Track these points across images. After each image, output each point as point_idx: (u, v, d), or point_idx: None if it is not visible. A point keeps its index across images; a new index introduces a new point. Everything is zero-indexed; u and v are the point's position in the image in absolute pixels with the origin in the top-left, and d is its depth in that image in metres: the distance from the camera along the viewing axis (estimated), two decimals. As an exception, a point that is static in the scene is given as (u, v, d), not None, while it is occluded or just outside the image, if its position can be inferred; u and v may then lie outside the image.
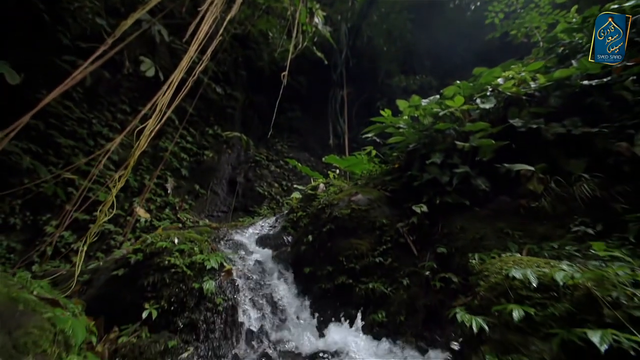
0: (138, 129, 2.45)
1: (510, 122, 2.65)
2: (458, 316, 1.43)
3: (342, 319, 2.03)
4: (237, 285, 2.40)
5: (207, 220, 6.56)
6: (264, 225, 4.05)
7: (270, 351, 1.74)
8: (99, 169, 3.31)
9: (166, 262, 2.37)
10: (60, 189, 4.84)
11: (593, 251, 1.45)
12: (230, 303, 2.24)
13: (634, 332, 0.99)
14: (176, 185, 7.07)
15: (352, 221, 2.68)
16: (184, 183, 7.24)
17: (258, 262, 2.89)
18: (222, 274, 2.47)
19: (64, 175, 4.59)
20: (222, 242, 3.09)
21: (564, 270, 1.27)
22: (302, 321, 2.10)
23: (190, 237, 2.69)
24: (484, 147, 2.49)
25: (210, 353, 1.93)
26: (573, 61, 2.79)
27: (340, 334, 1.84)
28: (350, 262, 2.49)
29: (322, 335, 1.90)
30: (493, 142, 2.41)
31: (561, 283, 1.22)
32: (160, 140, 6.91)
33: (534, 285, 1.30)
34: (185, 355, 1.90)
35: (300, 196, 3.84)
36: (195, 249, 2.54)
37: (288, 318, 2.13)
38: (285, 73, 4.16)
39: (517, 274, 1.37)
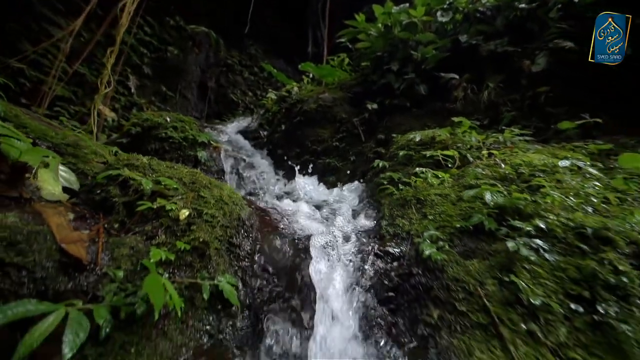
0: (121, 4, 2.75)
1: (459, 37, 3.34)
2: (374, 163, 2.47)
3: (305, 178, 3.08)
4: (224, 156, 3.28)
5: (180, 123, 7.02)
6: (242, 124, 4.78)
7: (254, 191, 2.76)
8: (61, 60, 3.55)
9: (163, 134, 3.11)
10: (10, 79, 4.86)
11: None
12: (221, 167, 3.15)
13: (448, 154, 2.03)
14: (139, 84, 7.12)
15: (318, 114, 3.51)
16: (148, 82, 7.28)
17: (239, 146, 3.74)
18: (211, 148, 3.30)
19: (13, 64, 4.61)
20: (206, 129, 3.83)
21: (433, 131, 2.26)
22: (275, 179, 3.13)
23: (179, 117, 3.38)
24: (429, 56, 3.22)
25: (208, 195, 2.93)
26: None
27: (303, 185, 2.89)
28: (314, 145, 3.43)
29: (290, 185, 2.95)
30: (434, 52, 3.14)
31: (433, 135, 2.22)
32: (114, 29, 6.55)
33: (417, 140, 2.30)
34: (190, 194, 2.88)
35: (275, 97, 4.48)
36: (186, 127, 3.27)
37: (265, 176, 3.14)
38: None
39: (411, 136, 2.35)
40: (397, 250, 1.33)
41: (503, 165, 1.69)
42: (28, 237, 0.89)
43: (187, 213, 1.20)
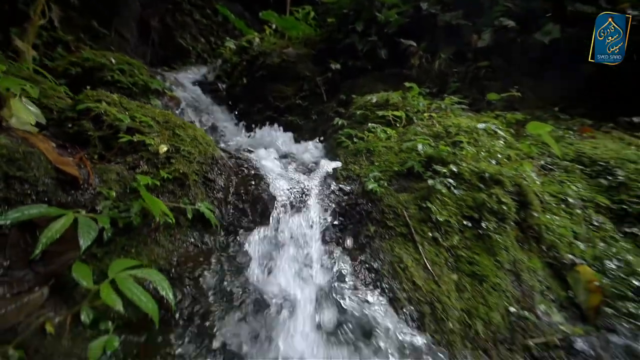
0: None
1: (420, 3, 3.63)
2: (334, 121, 2.79)
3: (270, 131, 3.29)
4: (182, 107, 3.29)
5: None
6: (196, 74, 4.63)
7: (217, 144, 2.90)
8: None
9: (109, 77, 2.98)
10: None
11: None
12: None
13: (397, 115, 2.43)
14: (64, 16, 6.18)
15: (281, 70, 3.64)
16: (75, 15, 6.33)
17: (197, 99, 3.72)
18: (166, 97, 3.27)
19: None
20: (157, 77, 3.70)
21: (387, 94, 2.64)
22: (238, 132, 3.29)
23: (126, 60, 3.22)
24: (392, 20, 3.50)
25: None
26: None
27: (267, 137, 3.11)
28: (276, 101, 3.60)
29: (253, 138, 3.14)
30: (397, 16, 3.42)
31: (387, 98, 2.60)
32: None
33: (373, 101, 2.66)
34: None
35: (234, 47, 4.40)
36: (135, 71, 3.16)
37: (227, 130, 3.27)
38: None
39: (368, 97, 2.70)
40: (347, 187, 1.72)
41: (437, 125, 2.15)
42: (25, 156, 1.04)
43: (165, 148, 1.40)
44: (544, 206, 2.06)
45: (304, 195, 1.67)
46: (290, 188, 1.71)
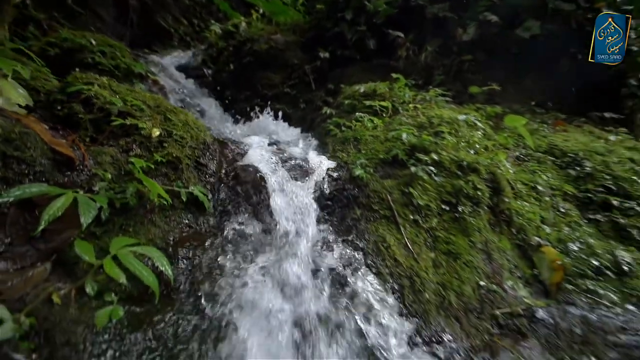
0: None
1: (408, -6, 3.72)
2: (323, 110, 2.87)
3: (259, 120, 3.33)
4: (167, 93, 3.26)
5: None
6: (180, 58, 4.56)
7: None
8: None
9: (90, 59, 2.91)
10: None
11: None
12: (163, 103, 3.17)
13: (384, 105, 2.55)
14: (33, -9, 5.85)
15: (269, 57, 3.66)
16: (44, -10, 6.00)
17: (182, 84, 3.69)
18: (150, 81, 3.23)
19: None
20: (140, 60, 3.63)
21: (375, 84, 2.75)
22: (227, 121, 3.31)
23: (107, 41, 3.15)
24: (381, 10, 3.57)
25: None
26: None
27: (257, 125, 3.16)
28: (264, 89, 3.63)
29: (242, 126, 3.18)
30: (385, 6, 3.50)
31: (374, 88, 2.71)
32: None
33: (361, 91, 2.76)
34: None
35: (220, 32, 4.35)
36: (117, 53, 3.09)
37: (216, 118, 3.29)
38: None
39: (356, 87, 2.80)
40: (335, 174, 1.83)
41: (421, 116, 2.28)
42: (21, 136, 1.08)
43: (158, 132, 1.45)
44: (516, 193, 2.25)
45: (290, 182, 1.76)
46: (277, 173, 1.79)
